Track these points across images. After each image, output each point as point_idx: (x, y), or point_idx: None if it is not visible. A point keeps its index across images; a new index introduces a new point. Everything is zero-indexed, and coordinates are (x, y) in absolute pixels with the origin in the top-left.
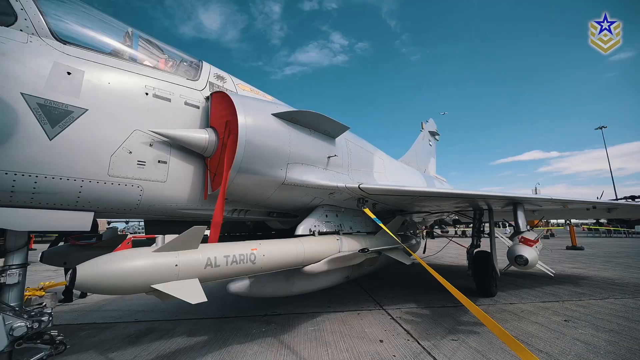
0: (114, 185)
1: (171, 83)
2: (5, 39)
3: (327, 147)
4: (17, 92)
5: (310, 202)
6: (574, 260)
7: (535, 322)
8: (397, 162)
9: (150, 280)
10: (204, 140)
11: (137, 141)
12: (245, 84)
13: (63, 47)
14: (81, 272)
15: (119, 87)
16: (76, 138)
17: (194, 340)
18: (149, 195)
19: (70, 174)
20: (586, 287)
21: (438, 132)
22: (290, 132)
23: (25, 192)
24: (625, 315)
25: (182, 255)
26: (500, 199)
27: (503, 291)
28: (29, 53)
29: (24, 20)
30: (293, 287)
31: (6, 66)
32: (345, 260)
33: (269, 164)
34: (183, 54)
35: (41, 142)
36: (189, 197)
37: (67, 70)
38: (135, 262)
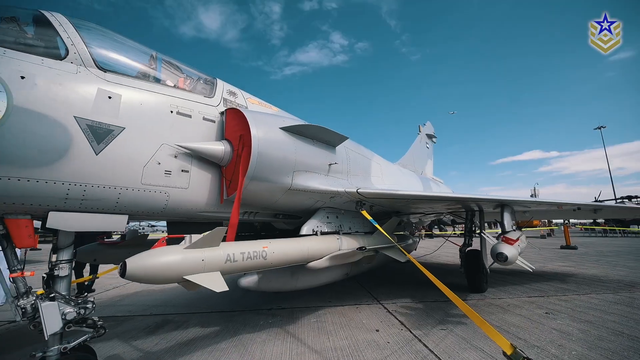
0: (145, 192)
1: (191, 101)
2: (60, 71)
3: (328, 156)
4: (71, 115)
5: (313, 205)
6: (565, 259)
7: (519, 315)
8: (393, 166)
9: (182, 272)
10: (221, 152)
11: (165, 153)
12: (254, 97)
13: (104, 75)
14: (130, 265)
15: (149, 107)
16: (116, 152)
17: (207, 331)
18: (173, 200)
19: (111, 183)
20: (572, 284)
21: (435, 135)
22: (296, 143)
23: (76, 199)
24: (601, 308)
25: (207, 252)
26: (489, 201)
27: (493, 287)
28: (78, 82)
29: (73, 54)
30: (297, 282)
31: (62, 94)
32: (344, 257)
33: (277, 172)
34: (199, 73)
35: (89, 157)
36: (207, 202)
37: (108, 95)
38: (170, 257)
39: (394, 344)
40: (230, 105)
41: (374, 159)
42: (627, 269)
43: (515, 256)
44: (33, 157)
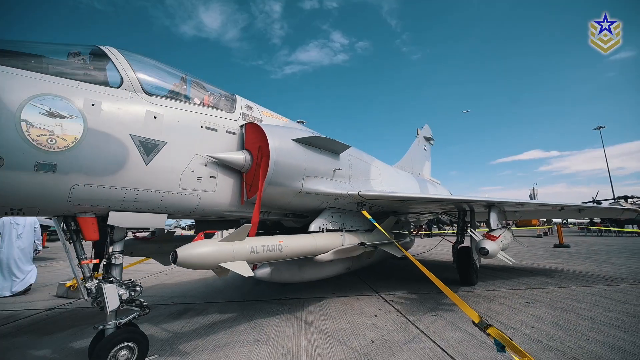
0: (181, 195)
1: (217, 117)
2: (118, 97)
3: (333, 162)
4: (128, 133)
5: (319, 206)
6: (556, 256)
7: (502, 304)
8: (391, 169)
9: (217, 260)
10: (242, 160)
11: (197, 162)
12: (267, 110)
13: (150, 98)
14: (180, 254)
15: (184, 124)
16: (160, 163)
17: (225, 316)
18: (203, 202)
19: (156, 188)
20: (556, 279)
21: (433, 137)
22: (306, 152)
23: (130, 201)
24: (577, 299)
25: (236, 244)
26: (478, 202)
27: (483, 281)
28: (131, 105)
29: (126, 82)
30: (304, 274)
31: (120, 116)
32: (347, 252)
33: (290, 177)
34: (221, 90)
35: (141, 167)
36: (230, 203)
37: (153, 115)
38: (208, 248)
39: (390, 326)
40: (247, 118)
41: (373, 164)
42: (612, 265)
43: (496, 250)
44: (100, 168)
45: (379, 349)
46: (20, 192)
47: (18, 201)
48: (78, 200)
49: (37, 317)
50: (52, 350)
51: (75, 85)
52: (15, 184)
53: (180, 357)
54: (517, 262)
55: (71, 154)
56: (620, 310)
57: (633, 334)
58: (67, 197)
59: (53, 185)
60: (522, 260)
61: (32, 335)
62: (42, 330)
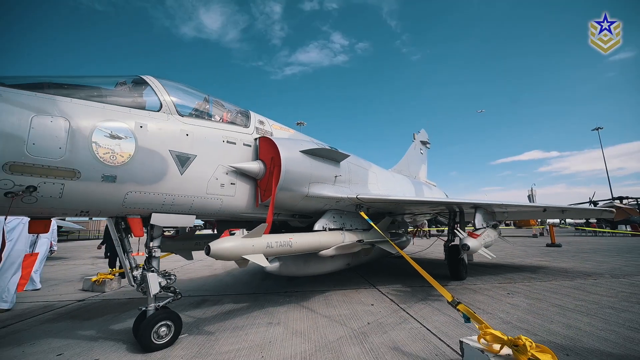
0: (207, 199)
1: (235, 132)
2: (159, 119)
3: (334, 170)
4: (167, 149)
5: (322, 208)
6: (546, 255)
7: (485, 295)
8: (388, 173)
9: (240, 252)
10: (257, 169)
11: (220, 171)
12: (276, 123)
13: (182, 119)
14: (213, 247)
15: (210, 139)
16: (192, 173)
17: (240, 305)
18: (225, 205)
19: (188, 194)
20: (540, 274)
21: (429, 141)
22: (311, 162)
23: (168, 205)
24: (553, 290)
25: (255, 240)
26: (466, 204)
27: (472, 276)
28: (169, 125)
29: (165, 106)
30: (309, 268)
31: (162, 135)
32: (347, 248)
33: (298, 184)
34: (237, 107)
35: (177, 176)
36: (247, 205)
37: (186, 133)
38: (234, 243)
39: (384, 312)
40: (260, 131)
41: (371, 169)
42: (595, 263)
43: (477, 247)
44: (147, 178)
45: (373, 329)
46: (90, 198)
47: (87, 205)
48: (130, 204)
49: (71, 307)
50: (96, 331)
51: (127, 111)
52: (88, 192)
53: (206, 336)
54: (507, 260)
55: (126, 167)
56: (587, 300)
57: (591, 317)
58: (122, 202)
59: (113, 192)
60: (512, 258)
61: (74, 321)
62: (81, 317)
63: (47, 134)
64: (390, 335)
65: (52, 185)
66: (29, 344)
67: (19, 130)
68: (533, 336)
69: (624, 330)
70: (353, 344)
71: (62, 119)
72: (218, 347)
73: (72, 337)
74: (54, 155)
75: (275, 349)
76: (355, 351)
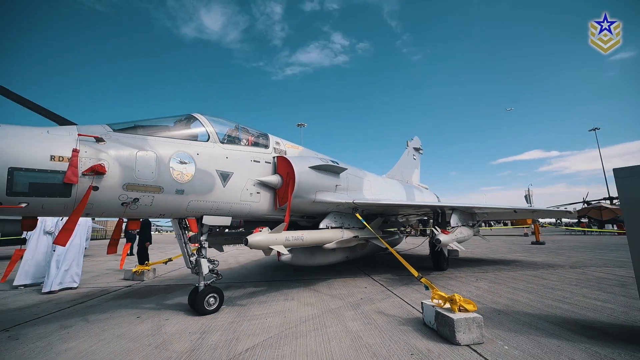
0: (240, 204)
1: (259, 152)
2: (208, 147)
3: (335, 180)
4: (214, 169)
5: (325, 210)
6: (526, 251)
7: (458, 280)
8: (381, 179)
9: (268, 244)
10: (276, 181)
11: (249, 184)
12: (289, 142)
13: (223, 145)
14: (249, 239)
15: (242, 159)
16: (231, 185)
17: (260, 289)
18: (253, 209)
19: (228, 201)
20: (511, 266)
21: (422, 148)
22: (317, 175)
23: (214, 209)
24: (514, 277)
25: (277, 235)
26: (445, 207)
27: (452, 268)
28: (215, 151)
29: (211, 137)
30: (314, 259)
31: (211, 159)
32: (345, 242)
33: (308, 192)
34: (258, 131)
35: (221, 189)
36: (268, 209)
37: (226, 156)
38: (263, 237)
39: (374, 291)
40: (277, 150)
41: (366, 177)
42: (565, 257)
43: (447, 241)
44: (202, 191)
45: (365, 301)
46: (167, 205)
47: (164, 210)
48: (190, 210)
49: (123, 291)
50: (155, 304)
51: (188, 143)
52: (167, 202)
53: (240, 306)
54: (490, 256)
55: (190, 184)
56: (537, 283)
57: (531, 293)
58: (185, 208)
59: (181, 201)
60: (495, 254)
61: (133, 298)
62: (136, 296)
63: (145, 163)
64: (377, 305)
65: (147, 197)
66: (110, 312)
67: (131, 162)
68: (481, 305)
69: (550, 301)
70: (349, 309)
71: (152, 153)
72: (251, 313)
73: (139, 308)
74: (149, 177)
75: (292, 312)
76: (350, 314)
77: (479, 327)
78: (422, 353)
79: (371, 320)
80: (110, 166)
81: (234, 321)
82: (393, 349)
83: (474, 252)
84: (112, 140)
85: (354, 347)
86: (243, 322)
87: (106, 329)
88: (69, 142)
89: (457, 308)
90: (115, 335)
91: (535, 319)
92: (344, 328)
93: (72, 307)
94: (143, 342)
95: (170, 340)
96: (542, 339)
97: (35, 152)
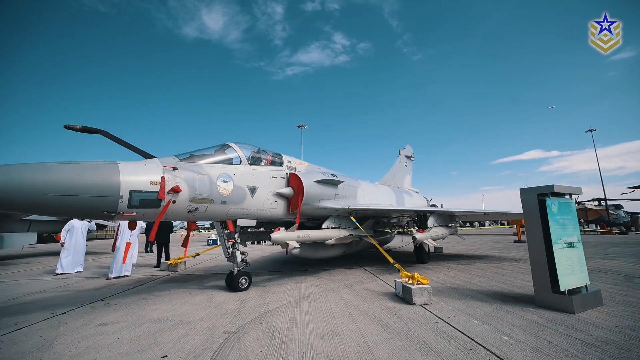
0: (263, 211)
1: (276, 170)
2: (240, 168)
3: (334, 190)
4: (246, 185)
5: (326, 214)
6: (504, 248)
7: (433, 270)
8: (373, 186)
9: (285, 240)
10: (289, 192)
11: (269, 195)
12: (298, 159)
13: (251, 166)
14: (273, 236)
15: (264, 176)
16: (257, 197)
17: (274, 276)
18: (271, 214)
19: (254, 208)
20: (483, 260)
21: (413, 156)
22: (320, 187)
23: (245, 214)
24: (478, 268)
25: (292, 233)
26: (425, 210)
27: (433, 262)
28: (245, 170)
29: (243, 160)
30: (318, 253)
31: (243, 177)
32: (342, 239)
33: (313, 200)
34: (274, 152)
35: (250, 199)
36: (282, 214)
37: (253, 174)
38: (283, 234)
39: (364, 277)
40: (289, 167)
41: (360, 186)
42: None
43: (422, 238)
44: (238, 201)
45: (357, 283)
46: (214, 213)
47: (212, 217)
48: (230, 215)
49: (166, 278)
50: (197, 286)
51: (228, 166)
52: (215, 210)
53: (263, 287)
54: (470, 252)
55: (230, 196)
56: (494, 272)
57: (483, 278)
58: (226, 214)
59: (223, 210)
60: (475, 250)
61: (176, 283)
62: (179, 281)
63: (202, 183)
64: (365, 285)
65: (203, 206)
66: (167, 290)
67: (194, 182)
68: (442, 285)
69: (495, 282)
70: (344, 288)
71: (206, 175)
72: (272, 290)
73: (187, 288)
74: (205, 193)
75: (302, 290)
76: (345, 290)
77: (428, 294)
78: (390, 309)
79: (360, 293)
80: (182, 186)
81: (261, 295)
82: (371, 307)
83: (458, 249)
84: (182, 168)
85: (346, 306)
86: (268, 295)
87: (172, 299)
88: (157, 171)
89: (415, 282)
90: (182, 302)
91: (475, 292)
92: (340, 297)
93: (135, 287)
94: (204, 305)
95: (222, 304)
96: (471, 301)
97: (142, 179)
